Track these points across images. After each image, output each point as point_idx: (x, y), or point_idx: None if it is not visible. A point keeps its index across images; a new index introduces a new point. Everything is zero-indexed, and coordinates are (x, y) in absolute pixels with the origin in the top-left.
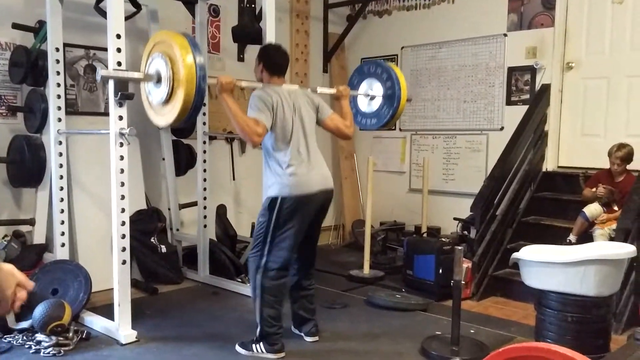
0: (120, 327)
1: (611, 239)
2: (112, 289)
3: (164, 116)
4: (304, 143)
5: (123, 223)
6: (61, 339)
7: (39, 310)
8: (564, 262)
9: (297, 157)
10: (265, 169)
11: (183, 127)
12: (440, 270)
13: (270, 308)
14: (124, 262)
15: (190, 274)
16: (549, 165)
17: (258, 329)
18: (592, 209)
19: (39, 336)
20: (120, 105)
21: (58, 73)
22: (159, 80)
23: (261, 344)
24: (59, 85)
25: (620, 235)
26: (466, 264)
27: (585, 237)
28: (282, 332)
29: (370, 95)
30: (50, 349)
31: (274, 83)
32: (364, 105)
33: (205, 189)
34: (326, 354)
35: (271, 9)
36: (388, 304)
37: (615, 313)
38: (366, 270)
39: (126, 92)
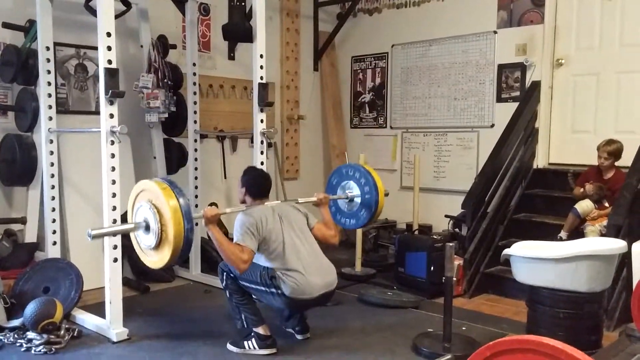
0: (112, 325)
1: (602, 235)
2: (104, 287)
3: (152, 259)
4: (300, 245)
5: (114, 221)
6: (52, 337)
7: (30, 309)
8: (555, 257)
9: (297, 263)
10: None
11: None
12: (432, 268)
13: (244, 306)
14: (115, 260)
15: (182, 272)
16: (539, 162)
17: (245, 327)
18: (584, 206)
19: (30, 334)
20: (111, 103)
21: (49, 72)
22: (147, 227)
23: (253, 340)
24: (49, 84)
25: (612, 231)
26: (458, 261)
27: (577, 233)
28: (264, 322)
29: (349, 197)
30: (41, 347)
31: (256, 204)
32: (343, 205)
33: (196, 187)
34: (318, 351)
35: (261, 7)
36: (380, 301)
37: (607, 309)
38: (358, 267)
39: (117, 89)
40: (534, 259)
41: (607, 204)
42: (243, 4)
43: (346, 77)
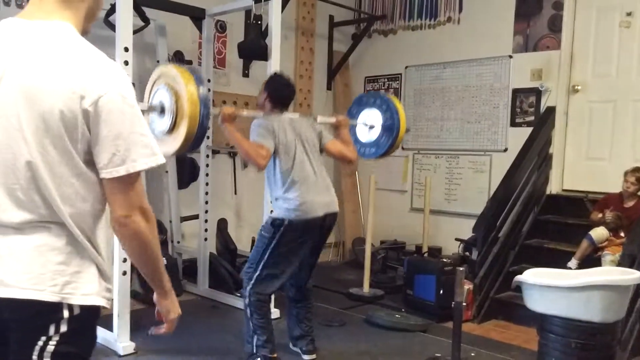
0: (119, 338)
1: (618, 264)
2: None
3: (166, 146)
4: (308, 166)
5: None
6: None
7: None
8: (568, 286)
9: (302, 181)
10: (271, 192)
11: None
12: (441, 291)
13: (262, 329)
14: (124, 273)
15: (190, 287)
16: (553, 188)
17: (254, 341)
18: (599, 233)
19: None
20: None
21: None
22: (162, 111)
23: (258, 357)
24: None
25: (626, 261)
26: (467, 286)
27: (589, 261)
28: (273, 340)
29: (369, 125)
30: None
31: (274, 114)
32: (363, 135)
33: (207, 203)
34: None
35: (277, 26)
36: (387, 323)
37: (620, 340)
38: (366, 288)
39: None
40: (546, 287)
41: (622, 234)
42: (259, 22)
43: None
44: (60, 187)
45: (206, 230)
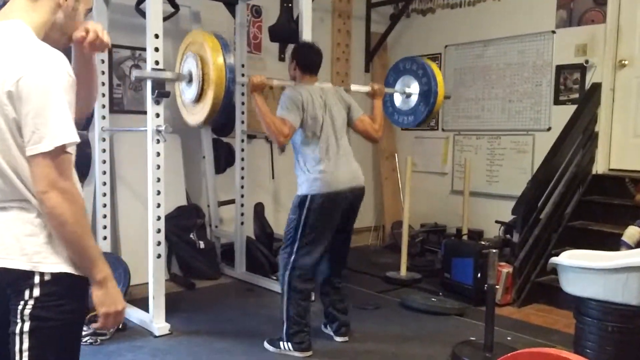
0: (155, 319)
1: None
2: None
3: (195, 115)
4: (333, 140)
5: (158, 218)
6: None
7: None
8: (605, 268)
9: (326, 154)
10: (296, 166)
11: (222, 122)
12: (479, 274)
13: (297, 307)
14: (158, 256)
15: (227, 270)
16: (599, 167)
17: (284, 328)
18: (630, 233)
19: None
20: (157, 103)
21: (103, 73)
22: (190, 79)
23: (288, 342)
24: (103, 84)
25: None
26: (507, 269)
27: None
28: (308, 331)
29: (406, 92)
30: (87, 337)
31: (305, 82)
32: (400, 102)
33: (243, 187)
34: (354, 354)
35: (307, 8)
36: (422, 307)
37: None
38: (403, 272)
39: (163, 90)
40: (582, 269)
41: None
42: (290, 5)
43: None
44: (16, 169)
45: (242, 214)
